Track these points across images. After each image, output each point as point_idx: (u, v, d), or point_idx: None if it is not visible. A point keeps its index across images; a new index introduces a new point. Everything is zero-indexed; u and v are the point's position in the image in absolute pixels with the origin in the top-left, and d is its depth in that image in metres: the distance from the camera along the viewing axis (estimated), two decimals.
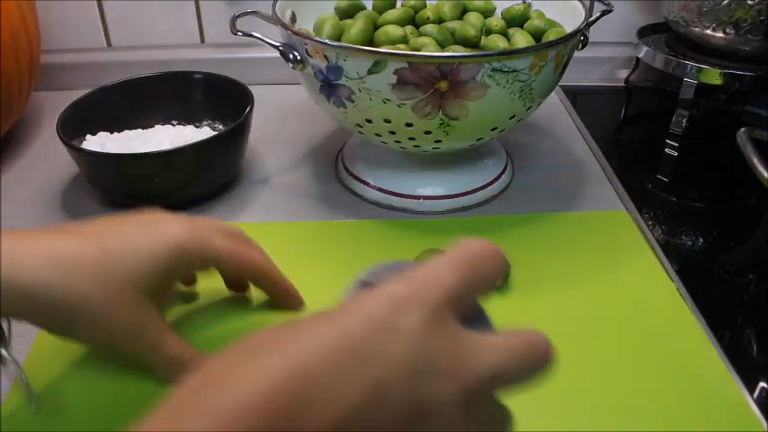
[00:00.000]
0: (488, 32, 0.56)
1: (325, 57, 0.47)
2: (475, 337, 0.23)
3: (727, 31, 0.68)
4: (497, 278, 0.24)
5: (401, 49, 0.52)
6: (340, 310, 0.22)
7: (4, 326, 0.36)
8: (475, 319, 0.24)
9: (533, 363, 0.24)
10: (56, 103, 0.60)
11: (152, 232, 0.35)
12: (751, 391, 0.41)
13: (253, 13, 0.54)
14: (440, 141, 0.51)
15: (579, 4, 0.55)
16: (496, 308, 0.45)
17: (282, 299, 0.42)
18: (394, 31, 0.53)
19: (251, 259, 0.39)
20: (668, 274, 0.49)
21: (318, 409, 0.19)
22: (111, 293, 0.33)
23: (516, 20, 0.57)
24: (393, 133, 0.50)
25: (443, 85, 0.46)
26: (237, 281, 0.43)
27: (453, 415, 0.21)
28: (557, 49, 0.48)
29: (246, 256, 0.39)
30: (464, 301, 0.23)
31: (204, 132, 0.60)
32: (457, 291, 0.22)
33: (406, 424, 0.21)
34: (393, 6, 0.59)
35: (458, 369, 0.21)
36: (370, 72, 0.46)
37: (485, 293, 0.24)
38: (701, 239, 0.57)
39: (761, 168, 0.52)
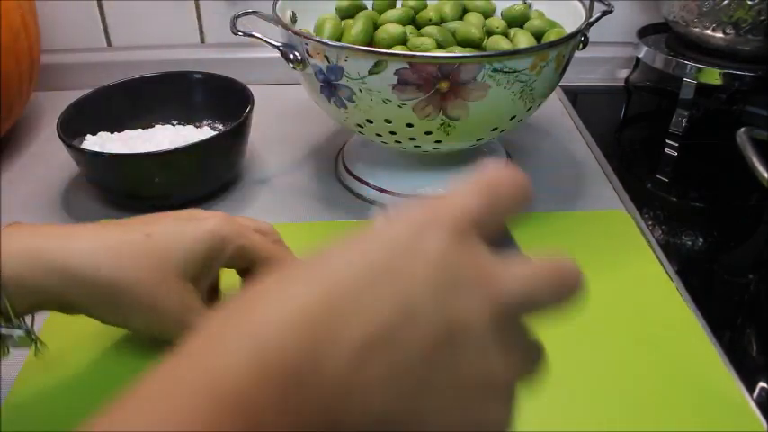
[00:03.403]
0: (490, 33, 0.56)
1: (326, 57, 0.47)
2: (503, 261, 0.23)
3: (727, 31, 0.68)
4: (521, 203, 0.24)
5: (401, 49, 0.52)
6: (361, 238, 0.22)
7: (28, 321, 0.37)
8: (503, 245, 0.24)
9: (562, 291, 0.24)
10: (56, 103, 0.60)
11: (192, 222, 0.37)
12: (751, 391, 0.41)
13: (253, 13, 0.54)
14: (440, 142, 0.51)
15: (579, 5, 0.55)
16: None
17: None
18: (394, 29, 0.53)
19: (283, 259, 0.39)
20: (668, 274, 0.49)
21: (348, 327, 0.19)
22: (156, 276, 0.35)
23: (517, 20, 0.57)
24: (394, 133, 0.50)
25: (444, 85, 0.46)
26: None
27: (484, 336, 0.21)
28: (557, 49, 0.48)
29: (279, 255, 0.39)
30: (487, 224, 0.23)
31: (204, 132, 0.60)
32: (478, 213, 0.22)
33: (437, 349, 0.20)
34: (393, 6, 0.59)
35: (485, 284, 0.21)
36: (370, 72, 0.46)
37: (509, 217, 0.24)
38: (700, 239, 0.57)
39: (761, 168, 0.52)
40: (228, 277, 0.42)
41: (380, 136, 0.52)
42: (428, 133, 0.50)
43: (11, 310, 0.33)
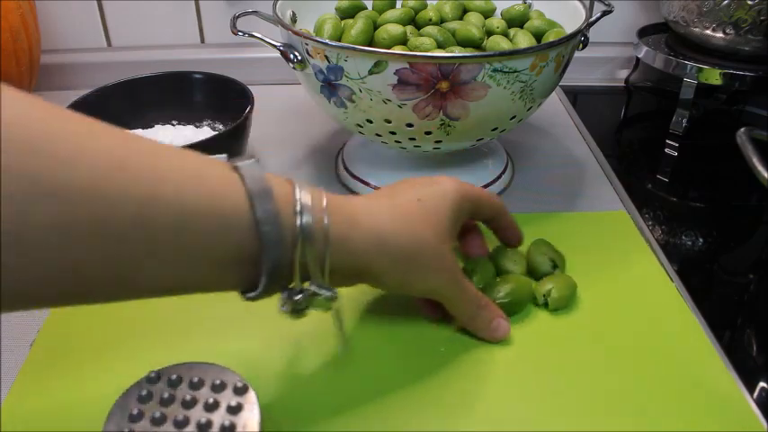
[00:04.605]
0: (490, 33, 0.56)
1: (326, 57, 0.47)
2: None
3: (727, 31, 0.68)
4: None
5: (401, 49, 0.52)
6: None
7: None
8: None
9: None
10: (56, 103, 0.60)
11: (438, 186, 0.41)
12: (751, 391, 0.41)
13: (253, 13, 0.54)
14: (440, 142, 0.51)
15: (579, 5, 0.55)
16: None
17: (510, 233, 0.48)
18: (394, 29, 0.53)
19: (495, 201, 0.45)
20: (668, 274, 0.49)
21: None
22: (438, 237, 0.38)
23: (516, 20, 0.57)
24: (393, 133, 0.50)
25: (444, 85, 0.46)
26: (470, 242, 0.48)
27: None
28: (557, 49, 0.48)
29: (492, 198, 0.45)
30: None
31: (204, 132, 0.60)
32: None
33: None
34: (393, 6, 0.59)
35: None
36: (370, 72, 0.46)
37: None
38: (701, 239, 0.57)
39: (761, 168, 0.52)
40: None
41: (380, 136, 0.52)
42: (428, 133, 0.50)
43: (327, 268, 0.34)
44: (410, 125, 0.49)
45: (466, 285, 0.41)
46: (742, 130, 0.55)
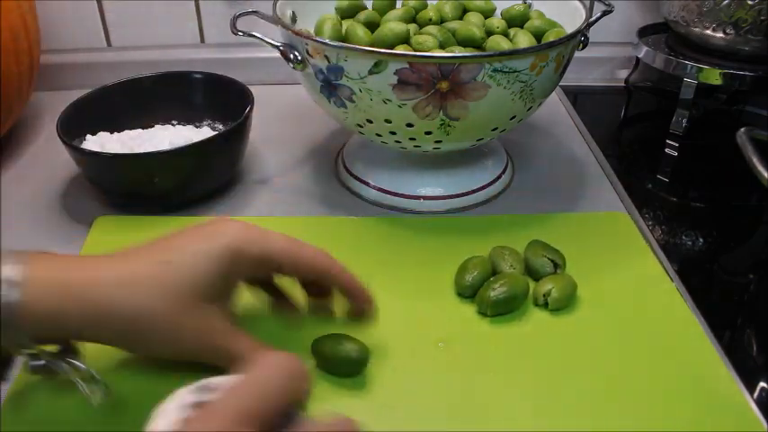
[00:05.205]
0: (490, 33, 0.56)
1: (326, 57, 0.47)
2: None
3: (727, 31, 0.68)
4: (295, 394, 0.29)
5: (404, 48, 0.52)
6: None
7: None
8: (288, 421, 0.28)
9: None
10: (56, 103, 0.60)
11: (209, 237, 0.36)
12: (751, 391, 0.41)
13: (253, 13, 0.54)
14: (440, 142, 0.51)
15: (579, 5, 0.55)
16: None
17: (351, 297, 0.40)
18: (398, 27, 0.52)
19: (306, 256, 0.38)
20: (668, 274, 0.49)
21: None
22: (170, 304, 0.35)
23: (516, 20, 0.57)
24: (394, 133, 0.50)
25: (444, 85, 0.46)
26: (313, 286, 0.41)
27: None
28: (557, 49, 0.48)
29: (302, 252, 0.38)
30: (263, 414, 0.27)
31: (204, 132, 0.60)
32: (248, 407, 0.27)
33: None
34: (393, 7, 0.59)
35: None
36: (370, 72, 0.46)
37: (287, 404, 0.29)
38: (701, 239, 0.57)
39: (761, 168, 0.52)
40: None
41: (380, 136, 0.52)
42: (428, 133, 0.50)
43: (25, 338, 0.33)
44: (410, 125, 0.49)
45: (225, 346, 0.36)
46: (742, 130, 0.55)
